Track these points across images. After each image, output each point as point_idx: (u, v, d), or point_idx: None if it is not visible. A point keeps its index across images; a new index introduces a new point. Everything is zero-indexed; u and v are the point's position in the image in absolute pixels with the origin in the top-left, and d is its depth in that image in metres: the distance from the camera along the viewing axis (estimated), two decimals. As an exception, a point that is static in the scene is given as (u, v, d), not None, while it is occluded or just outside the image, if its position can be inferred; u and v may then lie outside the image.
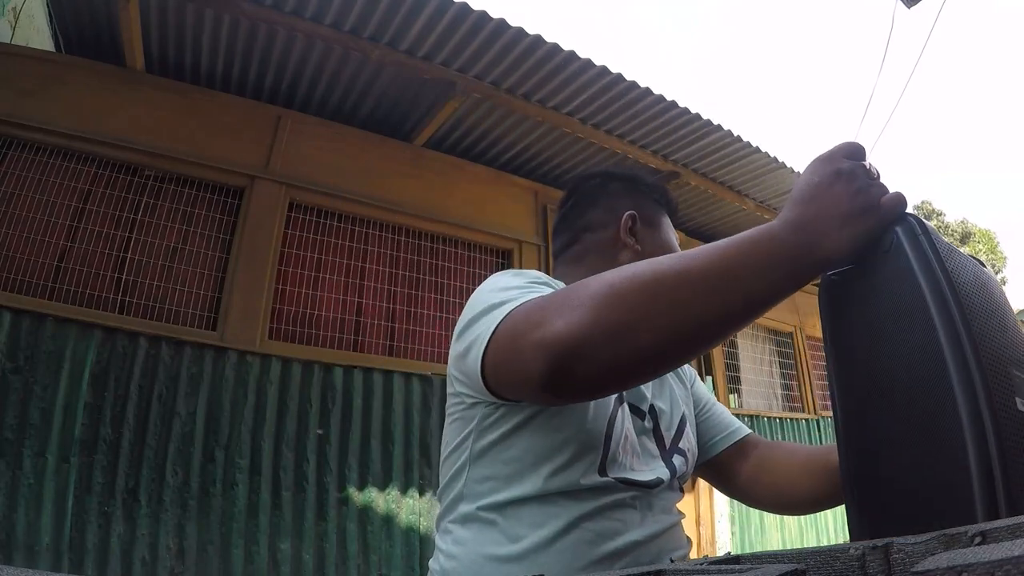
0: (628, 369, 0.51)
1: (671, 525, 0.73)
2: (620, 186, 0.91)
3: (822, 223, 0.48)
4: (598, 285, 0.51)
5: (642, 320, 0.49)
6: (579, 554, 0.64)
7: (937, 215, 19.81)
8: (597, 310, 0.49)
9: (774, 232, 0.50)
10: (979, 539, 0.27)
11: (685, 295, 0.49)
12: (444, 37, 2.39)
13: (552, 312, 0.52)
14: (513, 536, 0.65)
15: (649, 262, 0.52)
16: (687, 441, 0.80)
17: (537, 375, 0.51)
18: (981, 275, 0.50)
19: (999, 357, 0.44)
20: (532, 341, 0.51)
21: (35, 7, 2.54)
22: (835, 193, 0.49)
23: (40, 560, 1.81)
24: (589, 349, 0.49)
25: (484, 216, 3.02)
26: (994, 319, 0.46)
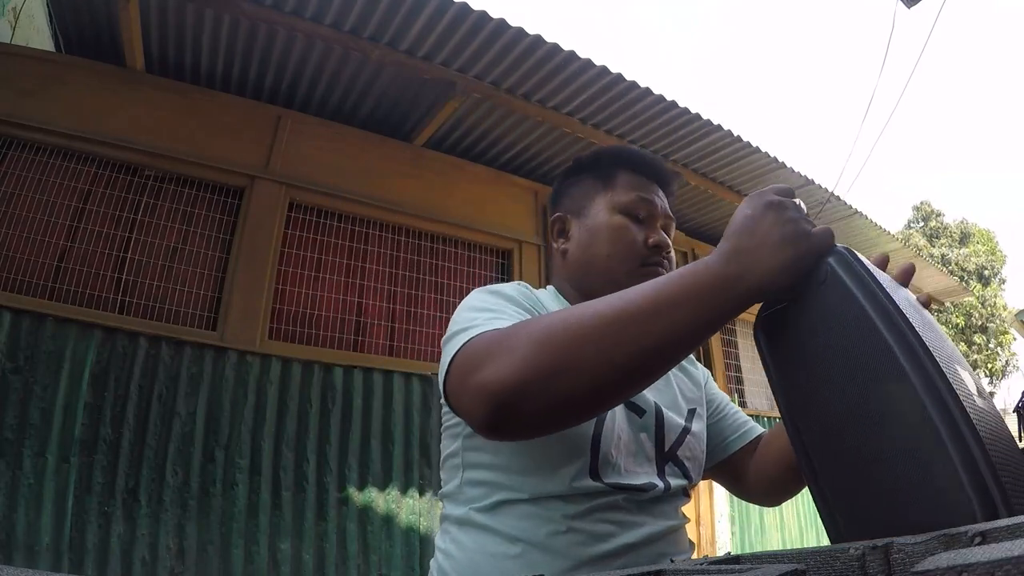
0: (564, 411, 0.53)
1: (670, 529, 0.72)
2: (559, 185, 0.91)
3: (754, 252, 0.50)
4: (535, 329, 0.53)
5: (572, 364, 0.50)
6: (571, 555, 0.65)
7: (936, 215, 19.80)
8: (531, 356, 0.51)
9: (708, 264, 0.52)
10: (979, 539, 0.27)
11: (614, 336, 0.50)
12: (444, 37, 2.39)
13: (493, 355, 0.54)
14: (507, 537, 0.67)
15: (585, 305, 0.54)
16: (688, 449, 0.78)
17: (478, 417, 0.53)
18: (908, 295, 0.52)
19: (947, 359, 0.45)
20: (473, 384, 0.54)
21: (35, 7, 2.54)
22: (767, 223, 0.51)
23: (40, 560, 1.81)
24: (523, 395, 0.50)
25: (484, 216, 3.02)
26: (931, 329, 0.48)
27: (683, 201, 3.70)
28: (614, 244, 0.79)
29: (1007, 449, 0.44)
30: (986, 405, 0.46)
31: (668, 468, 0.75)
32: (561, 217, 0.87)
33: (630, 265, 0.78)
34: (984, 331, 17.63)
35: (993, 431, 0.43)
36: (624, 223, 0.80)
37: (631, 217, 0.81)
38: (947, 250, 18.57)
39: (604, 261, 0.80)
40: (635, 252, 0.79)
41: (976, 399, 0.44)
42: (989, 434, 0.42)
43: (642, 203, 0.81)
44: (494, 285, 0.78)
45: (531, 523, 0.66)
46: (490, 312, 0.67)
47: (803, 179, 3.47)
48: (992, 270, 18.55)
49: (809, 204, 3.71)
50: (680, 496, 0.76)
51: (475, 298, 0.72)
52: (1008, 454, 0.43)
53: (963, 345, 17.50)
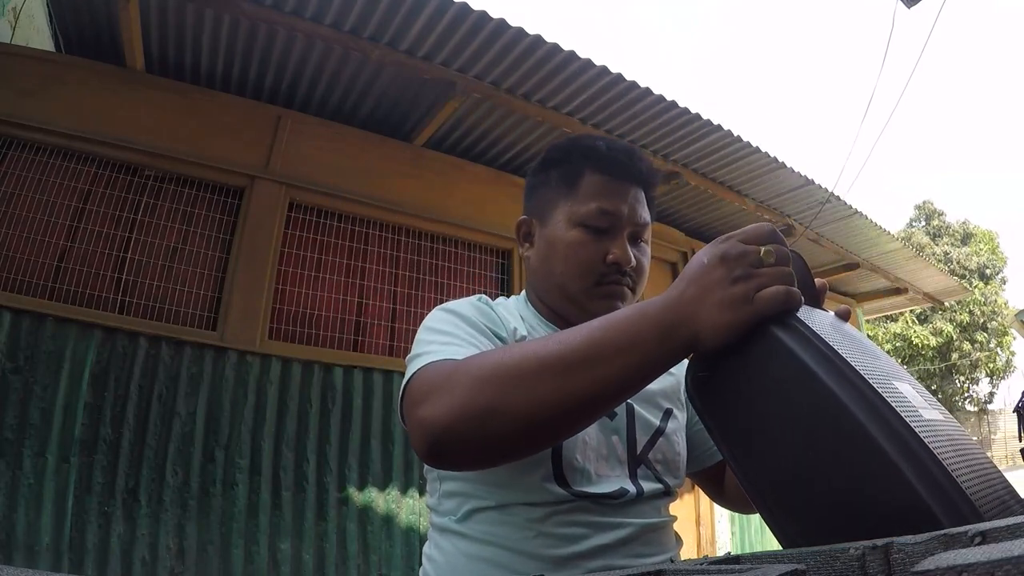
0: (498, 450, 0.55)
1: (647, 529, 0.70)
2: (530, 180, 0.87)
3: (695, 304, 0.49)
4: (473, 369, 0.55)
5: (504, 408, 0.51)
6: (544, 556, 0.65)
7: (938, 215, 19.80)
8: (465, 397, 0.53)
9: (647, 310, 0.51)
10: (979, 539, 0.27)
11: (547, 382, 0.50)
12: (444, 37, 2.39)
13: (433, 392, 0.55)
14: (481, 541, 0.68)
15: (522, 346, 0.55)
16: (660, 452, 0.76)
17: (419, 450, 0.55)
18: (834, 320, 0.52)
19: (884, 378, 0.45)
20: (414, 419, 0.56)
21: (35, 7, 2.54)
22: (714, 277, 0.49)
23: (40, 560, 1.81)
24: (456, 434, 0.52)
25: (484, 216, 3.02)
26: (862, 352, 0.47)
27: (683, 201, 3.70)
28: (567, 262, 0.76)
29: (966, 453, 0.43)
30: (936, 414, 0.45)
31: (640, 471, 0.74)
32: (526, 221, 0.84)
33: (584, 284, 0.75)
34: (985, 329, 17.64)
35: (947, 438, 0.43)
36: (580, 239, 0.75)
37: (590, 230, 0.76)
38: (949, 248, 18.58)
39: (558, 278, 0.77)
40: (590, 271, 0.75)
41: (923, 411, 0.44)
42: (942, 442, 0.42)
43: (602, 216, 0.75)
44: (453, 303, 0.77)
45: (501, 528, 0.67)
46: (445, 336, 0.67)
47: (803, 179, 3.46)
48: (993, 269, 18.55)
49: (809, 204, 3.72)
50: (659, 497, 0.74)
51: (434, 318, 0.73)
52: (967, 457, 0.43)
53: (966, 343, 17.50)
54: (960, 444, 0.44)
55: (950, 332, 17.28)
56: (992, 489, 0.42)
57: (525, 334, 0.76)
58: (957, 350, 17.51)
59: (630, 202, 0.78)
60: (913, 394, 0.46)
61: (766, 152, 3.20)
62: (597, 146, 0.80)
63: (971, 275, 17.80)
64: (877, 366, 0.47)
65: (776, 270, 0.48)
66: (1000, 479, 0.45)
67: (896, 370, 0.49)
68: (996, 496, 0.42)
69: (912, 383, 0.49)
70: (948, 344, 17.52)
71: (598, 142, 0.81)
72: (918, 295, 5.24)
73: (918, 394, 0.47)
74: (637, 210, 0.78)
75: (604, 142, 0.81)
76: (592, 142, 0.81)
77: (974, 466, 0.43)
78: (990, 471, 0.45)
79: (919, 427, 0.42)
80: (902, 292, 5.10)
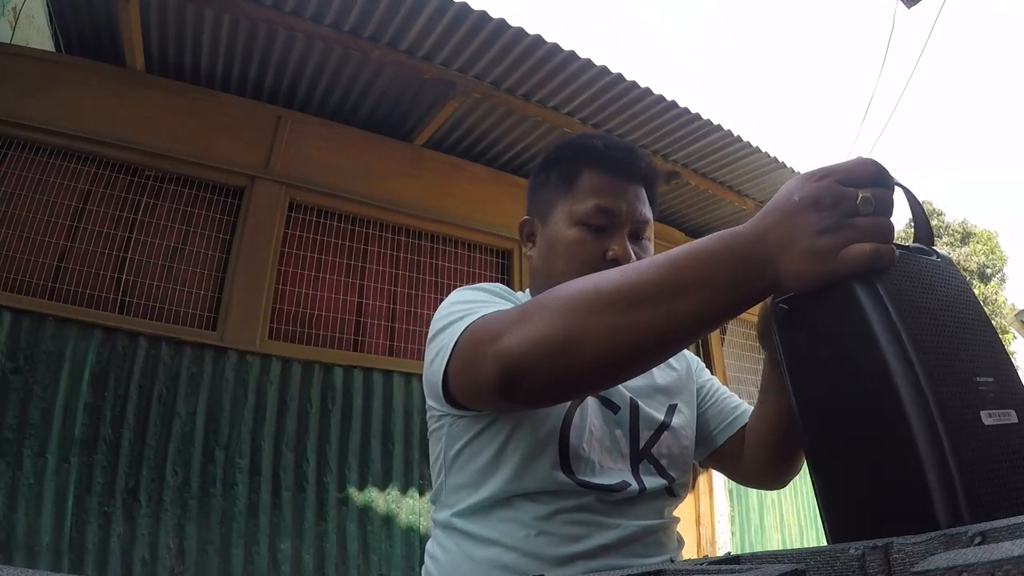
0: (572, 382, 0.54)
1: (647, 530, 0.70)
2: (532, 181, 0.87)
3: (780, 247, 0.46)
4: (549, 300, 0.53)
5: (584, 336, 0.50)
6: (545, 556, 0.66)
7: (938, 215, 19.81)
8: (544, 325, 0.51)
9: (730, 242, 0.48)
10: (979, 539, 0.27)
11: (624, 311, 0.49)
12: (444, 37, 2.39)
13: (506, 326, 0.55)
14: (484, 540, 0.68)
15: (601, 276, 0.53)
16: (664, 447, 0.76)
17: (492, 383, 0.54)
18: (939, 273, 0.48)
19: (959, 369, 0.43)
20: (488, 353, 0.55)
21: (35, 7, 2.54)
22: (803, 222, 0.45)
23: (40, 560, 1.81)
24: (535, 362, 0.51)
25: (484, 216, 3.02)
26: (950, 320, 0.45)
27: (683, 201, 3.70)
28: (568, 261, 0.76)
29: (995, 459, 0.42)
30: (1007, 419, 0.43)
31: (643, 467, 0.74)
32: (529, 221, 0.85)
33: None
34: (984, 331, 17.62)
35: (1002, 447, 0.42)
36: (580, 237, 0.76)
37: (589, 228, 0.76)
38: (949, 248, 18.59)
39: (559, 276, 0.75)
40: (589, 269, 0.72)
41: (989, 414, 0.43)
42: (988, 452, 0.41)
43: (601, 213, 0.76)
44: (474, 284, 0.77)
45: (505, 527, 0.68)
46: (481, 303, 0.67)
47: (803, 179, 3.46)
48: (993, 268, 18.57)
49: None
50: (661, 496, 0.74)
51: (460, 294, 0.73)
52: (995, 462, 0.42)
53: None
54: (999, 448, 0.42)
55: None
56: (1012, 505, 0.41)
57: None
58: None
59: (629, 199, 0.78)
60: (996, 388, 0.44)
61: (766, 152, 3.20)
62: (595, 144, 0.80)
63: (971, 275, 17.81)
64: (961, 345, 0.44)
65: (872, 222, 0.44)
66: None
67: (990, 350, 0.46)
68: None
69: (1004, 372, 0.45)
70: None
71: (596, 141, 0.81)
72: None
73: (1004, 388, 0.44)
74: (636, 207, 0.78)
75: (602, 140, 0.81)
76: (590, 141, 0.81)
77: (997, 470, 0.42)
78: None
79: (967, 433, 0.41)
80: (902, 292, 5.09)
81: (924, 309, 0.45)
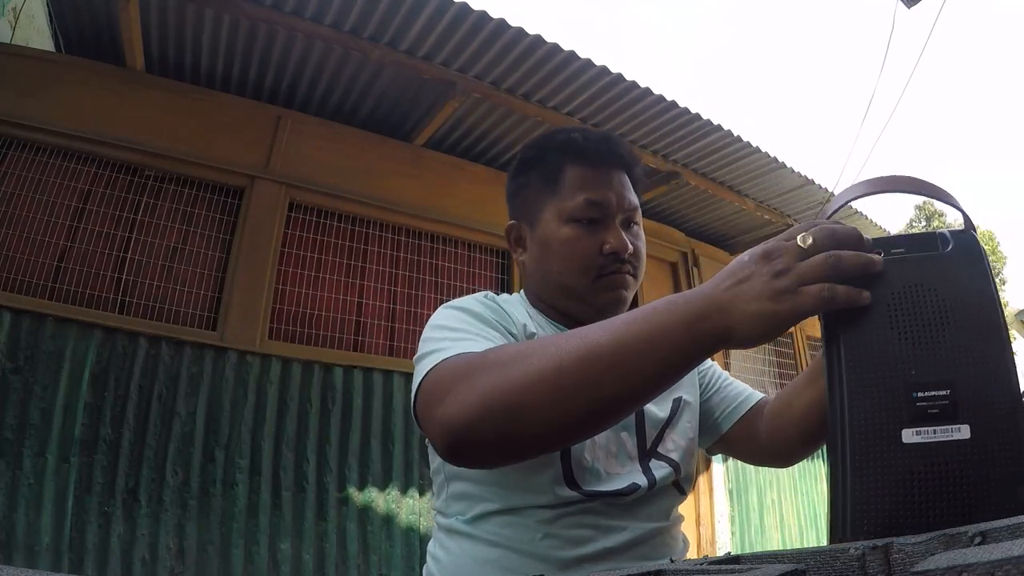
0: (521, 449, 0.54)
1: (654, 532, 0.70)
2: (510, 185, 0.84)
3: (730, 295, 0.47)
4: (495, 364, 0.53)
5: (528, 406, 0.49)
6: (551, 558, 0.65)
7: (938, 215, 19.81)
8: (488, 394, 0.51)
9: (675, 300, 0.49)
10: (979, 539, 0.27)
11: (572, 384, 0.48)
12: (444, 37, 2.39)
13: (453, 389, 0.54)
14: (489, 542, 0.68)
15: (544, 342, 0.53)
16: (670, 442, 0.76)
17: (439, 448, 0.54)
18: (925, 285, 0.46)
19: (893, 386, 0.43)
20: (434, 417, 0.54)
21: (35, 7, 2.54)
22: (754, 271, 0.47)
23: (40, 560, 1.81)
24: (478, 433, 0.51)
25: (484, 216, 3.02)
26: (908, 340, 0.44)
27: (683, 201, 3.70)
28: (565, 260, 0.75)
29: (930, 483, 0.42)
30: (924, 439, 0.43)
31: (653, 463, 0.74)
32: (515, 226, 0.83)
33: (586, 279, 0.74)
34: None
35: (902, 467, 0.43)
36: (574, 234, 0.74)
37: (582, 223, 0.75)
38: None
39: (557, 277, 0.76)
40: (589, 265, 0.74)
41: (907, 436, 0.42)
42: (882, 470, 0.42)
43: (591, 207, 0.74)
44: (460, 300, 0.75)
45: (510, 531, 0.67)
46: (456, 332, 0.65)
47: (803, 179, 3.46)
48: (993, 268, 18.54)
49: (809, 204, 3.72)
50: (669, 494, 0.74)
51: (442, 316, 0.71)
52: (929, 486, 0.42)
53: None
54: (938, 474, 0.42)
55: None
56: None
57: (535, 331, 0.75)
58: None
59: (616, 188, 0.76)
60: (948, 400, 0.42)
61: (766, 152, 3.20)
62: (573, 138, 0.78)
63: (971, 275, 17.79)
64: (916, 357, 0.44)
65: (818, 262, 0.45)
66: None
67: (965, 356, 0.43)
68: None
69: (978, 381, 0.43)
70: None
71: (573, 134, 0.79)
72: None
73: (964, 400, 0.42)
74: (624, 195, 0.77)
75: (578, 132, 0.80)
76: (567, 135, 0.80)
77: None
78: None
79: (874, 452, 0.42)
80: (902, 292, 5.09)
81: (877, 323, 0.45)
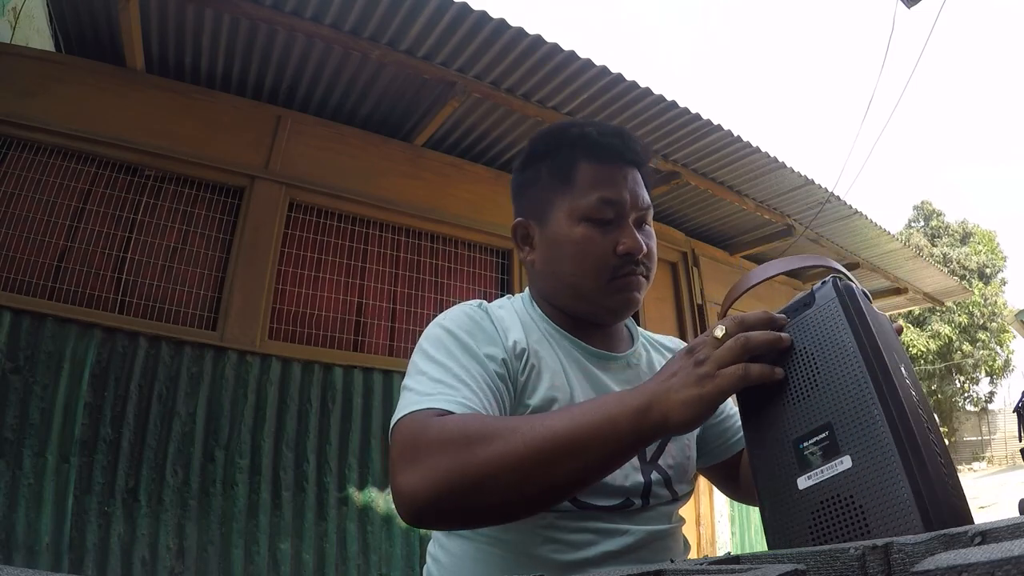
0: (476, 521, 0.60)
1: (654, 536, 0.70)
2: (518, 179, 0.82)
3: (664, 387, 0.53)
4: (457, 439, 0.55)
5: (484, 490, 0.53)
6: (551, 561, 0.65)
7: (937, 215, 19.80)
8: (445, 471, 0.54)
9: (623, 397, 0.55)
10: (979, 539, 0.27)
11: (527, 471, 0.53)
12: (444, 37, 2.39)
13: (417, 457, 0.56)
14: (489, 545, 0.68)
15: (513, 424, 0.56)
16: (670, 456, 0.76)
17: (400, 513, 0.57)
18: (800, 342, 0.54)
19: (782, 439, 0.51)
20: (396, 483, 0.57)
21: (35, 7, 2.54)
22: (681, 364, 0.54)
23: (40, 560, 1.81)
24: (436, 507, 0.54)
25: (484, 216, 3.02)
26: (794, 395, 0.52)
27: (683, 201, 3.70)
28: (578, 261, 0.72)
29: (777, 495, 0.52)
30: (817, 478, 0.49)
31: (652, 476, 0.73)
32: (523, 223, 0.80)
33: (599, 282, 0.73)
34: (985, 329, 17.63)
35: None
36: (588, 234, 0.72)
37: (595, 223, 0.72)
38: (948, 249, 18.57)
39: (569, 278, 0.74)
40: (603, 266, 0.72)
41: (802, 482, 0.50)
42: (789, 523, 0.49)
43: (606, 206, 0.72)
44: (451, 316, 0.73)
45: (510, 533, 0.67)
46: (438, 369, 0.65)
47: (803, 179, 3.46)
48: (993, 268, 18.55)
49: (809, 204, 3.72)
50: (668, 502, 0.74)
51: (429, 338, 0.70)
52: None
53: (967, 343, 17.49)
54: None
55: (948, 334, 17.27)
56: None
57: (525, 347, 0.73)
58: (959, 350, 17.50)
59: (631, 187, 0.74)
60: (828, 441, 0.49)
61: (766, 152, 3.19)
62: (587, 132, 0.75)
63: (971, 275, 17.79)
64: (793, 410, 0.52)
65: (731, 345, 0.52)
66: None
67: (836, 397, 0.50)
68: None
69: (854, 416, 0.49)
70: (948, 345, 17.50)
71: (587, 128, 0.76)
72: (918, 295, 5.24)
73: (843, 434, 0.49)
74: (639, 194, 0.75)
75: (593, 127, 0.77)
76: (581, 129, 0.76)
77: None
78: None
79: (781, 501, 0.51)
80: (902, 292, 5.10)
81: (767, 391, 0.53)
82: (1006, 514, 5.03)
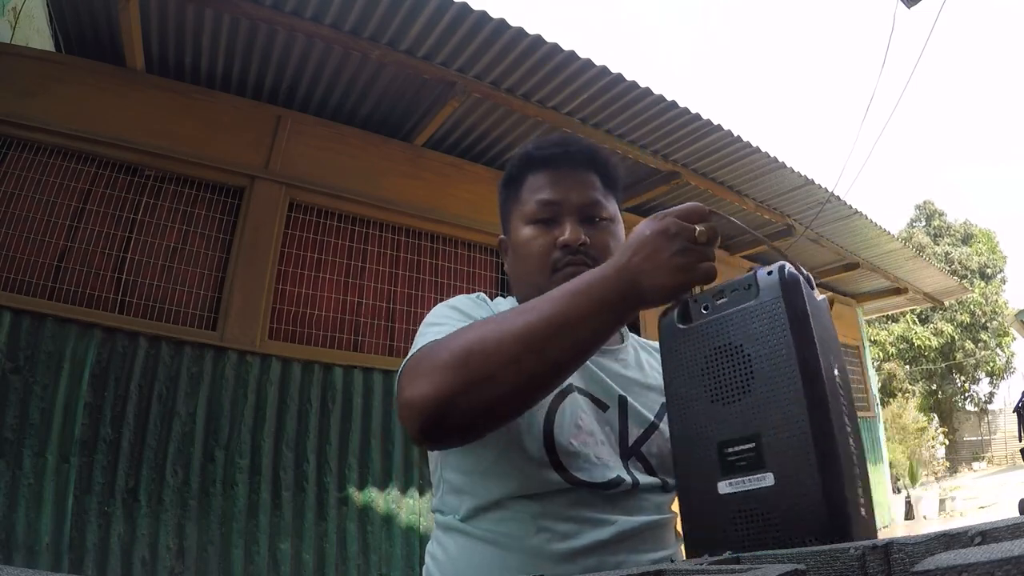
0: (485, 418, 0.60)
1: (644, 526, 0.70)
2: (499, 203, 0.90)
3: (642, 269, 0.56)
4: (455, 345, 0.59)
5: (488, 378, 0.56)
6: (543, 553, 0.66)
7: (939, 215, 19.79)
8: (450, 372, 0.57)
9: (604, 273, 0.58)
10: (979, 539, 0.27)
11: (523, 350, 0.56)
12: (444, 37, 2.39)
13: (419, 373, 0.60)
14: (484, 540, 0.69)
15: (495, 321, 0.60)
16: (654, 446, 0.76)
17: (411, 430, 0.59)
18: (725, 341, 0.53)
19: (708, 443, 0.51)
20: (403, 401, 0.60)
21: (35, 7, 2.54)
22: (657, 248, 0.56)
23: (40, 560, 1.81)
24: (445, 407, 0.57)
25: (484, 216, 3.02)
26: (726, 399, 0.51)
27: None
28: (527, 260, 0.80)
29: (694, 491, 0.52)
30: (740, 486, 0.49)
31: (631, 464, 0.74)
32: (502, 239, 0.89)
33: (545, 275, 0.78)
34: (985, 329, 17.63)
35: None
36: (531, 234, 0.79)
37: (538, 224, 0.79)
38: (950, 248, 18.57)
39: (526, 277, 0.81)
40: (545, 261, 0.78)
41: (723, 487, 0.50)
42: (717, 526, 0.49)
43: (544, 207, 0.79)
44: (452, 299, 0.81)
45: (504, 526, 0.69)
46: (438, 327, 0.70)
47: (803, 179, 3.46)
48: (994, 268, 18.55)
49: (809, 204, 3.72)
50: (658, 491, 0.74)
51: (432, 314, 0.78)
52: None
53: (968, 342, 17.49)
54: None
55: (950, 332, 17.28)
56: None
57: None
58: (960, 349, 17.50)
59: (571, 186, 0.80)
60: (754, 453, 0.49)
61: (766, 152, 3.20)
62: (528, 150, 0.84)
63: (972, 275, 17.79)
64: (724, 414, 0.51)
65: (708, 253, 0.56)
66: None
67: (769, 409, 0.49)
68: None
69: (785, 428, 0.48)
70: (950, 344, 17.51)
71: (529, 146, 0.85)
72: (918, 295, 5.24)
73: (772, 449, 0.48)
74: (581, 191, 0.80)
75: (535, 142, 0.85)
76: (525, 148, 0.85)
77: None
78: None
79: (700, 501, 0.51)
80: (902, 292, 5.10)
81: (695, 385, 0.53)
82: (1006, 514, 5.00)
